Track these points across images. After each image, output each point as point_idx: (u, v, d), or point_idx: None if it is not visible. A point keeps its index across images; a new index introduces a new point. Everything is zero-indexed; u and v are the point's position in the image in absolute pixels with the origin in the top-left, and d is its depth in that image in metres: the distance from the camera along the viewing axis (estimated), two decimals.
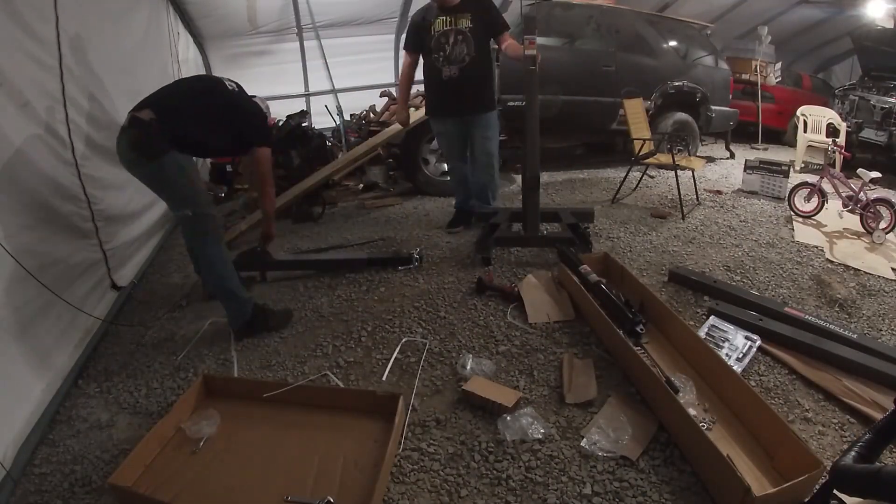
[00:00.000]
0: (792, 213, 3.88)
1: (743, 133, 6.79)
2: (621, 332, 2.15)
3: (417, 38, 3.28)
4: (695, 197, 4.19)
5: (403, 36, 3.78)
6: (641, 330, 2.24)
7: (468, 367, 2.08)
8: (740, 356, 2.14)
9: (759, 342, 2.20)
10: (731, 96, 5.93)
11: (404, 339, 2.31)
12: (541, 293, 2.62)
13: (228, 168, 4.84)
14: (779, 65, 6.99)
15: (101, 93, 2.78)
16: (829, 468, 1.45)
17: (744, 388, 1.80)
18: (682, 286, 2.74)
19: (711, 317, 2.37)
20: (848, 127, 5.48)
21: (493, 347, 2.26)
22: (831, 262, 3.11)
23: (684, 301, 2.63)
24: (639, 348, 2.16)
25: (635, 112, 4.57)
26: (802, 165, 5.45)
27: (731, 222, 3.70)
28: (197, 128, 2.28)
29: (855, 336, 2.23)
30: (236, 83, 2.52)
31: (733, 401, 1.85)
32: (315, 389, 2.02)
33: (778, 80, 6.95)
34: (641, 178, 4.68)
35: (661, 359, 2.15)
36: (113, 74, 3.05)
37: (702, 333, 2.26)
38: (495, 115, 3.42)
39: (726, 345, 2.20)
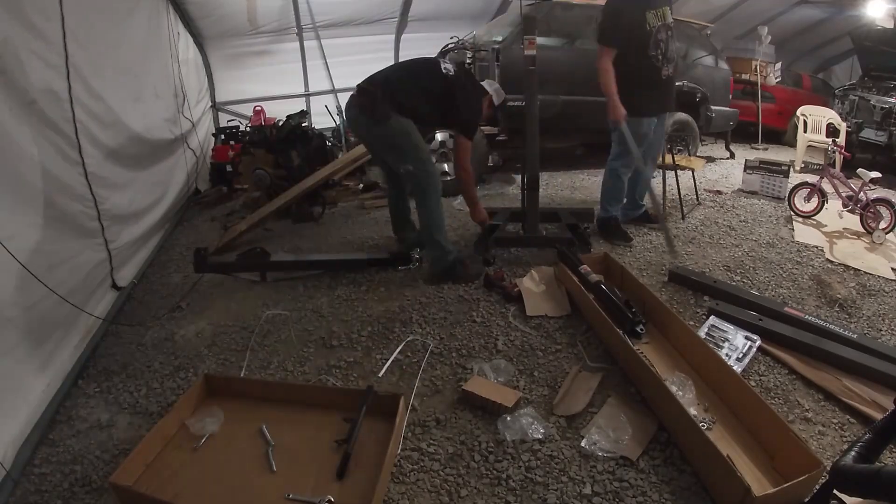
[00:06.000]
0: (792, 213, 3.88)
1: (743, 133, 6.78)
2: (621, 332, 2.15)
3: (626, 32, 2.96)
4: (695, 197, 4.19)
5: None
6: (641, 330, 2.25)
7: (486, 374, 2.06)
8: (740, 356, 2.14)
9: (759, 342, 2.20)
10: (731, 96, 5.93)
11: (408, 339, 2.31)
12: (540, 289, 2.63)
13: (228, 168, 4.83)
14: (779, 65, 6.98)
15: (106, 92, 2.79)
16: (829, 468, 1.45)
17: (744, 388, 1.80)
18: (682, 286, 2.74)
19: (711, 317, 2.37)
20: (848, 127, 5.47)
21: (492, 347, 2.27)
22: (831, 262, 3.11)
23: (684, 301, 2.63)
24: (638, 348, 2.16)
25: None
26: (802, 165, 5.45)
27: (731, 222, 3.70)
28: (414, 100, 2.70)
29: (855, 336, 2.23)
30: (457, 67, 2.93)
31: (733, 401, 1.85)
32: (315, 389, 2.02)
33: (778, 80, 6.94)
34: None
35: (661, 359, 2.15)
36: (117, 73, 3.05)
37: (702, 333, 2.26)
38: None
39: (726, 345, 2.20)
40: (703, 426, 1.72)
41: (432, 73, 2.81)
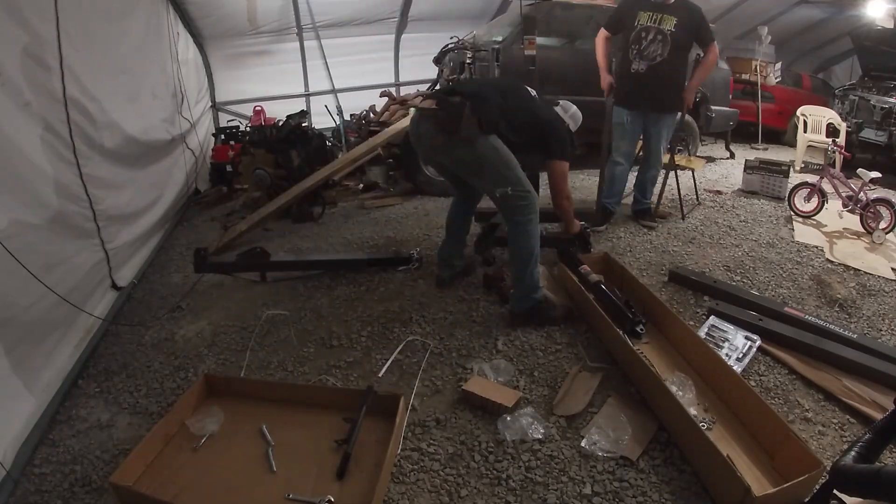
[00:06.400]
0: (792, 213, 3.87)
1: (743, 133, 6.78)
2: (621, 332, 2.15)
3: (619, 22, 3.35)
4: (695, 197, 4.19)
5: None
6: (641, 330, 2.24)
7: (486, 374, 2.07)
8: (740, 356, 2.14)
9: (759, 342, 2.20)
10: (731, 96, 5.92)
11: (408, 339, 2.31)
12: None
13: (228, 168, 4.83)
14: (779, 65, 6.97)
15: (102, 93, 2.78)
16: (829, 468, 1.45)
17: (744, 388, 1.80)
18: (682, 286, 2.74)
19: (711, 317, 2.37)
20: (848, 127, 5.47)
21: (492, 347, 2.27)
22: (831, 262, 3.11)
23: (684, 301, 2.63)
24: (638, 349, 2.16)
25: None
26: (802, 165, 5.45)
27: (731, 222, 3.70)
28: (503, 121, 2.26)
29: (855, 336, 2.24)
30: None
31: (733, 401, 1.85)
32: (315, 389, 2.02)
33: (778, 80, 6.94)
34: None
35: (660, 359, 2.15)
36: (113, 74, 3.04)
37: (702, 333, 2.26)
38: (675, 117, 3.48)
39: (726, 345, 2.20)
40: (703, 426, 1.72)
41: (524, 93, 2.47)
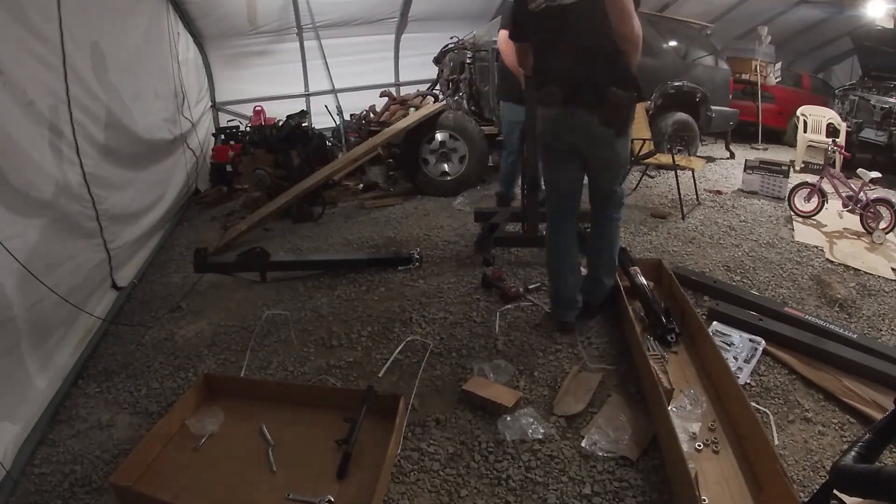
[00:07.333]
0: (792, 213, 3.87)
1: (743, 133, 6.78)
2: (646, 334, 2.16)
3: None
4: (695, 197, 4.19)
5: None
6: (672, 339, 2.21)
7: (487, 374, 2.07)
8: (747, 358, 2.13)
9: (763, 345, 2.19)
10: (731, 96, 5.93)
11: (408, 339, 2.31)
12: None
13: (228, 168, 4.84)
14: (779, 65, 6.97)
15: (105, 92, 2.79)
16: (829, 468, 1.45)
17: (750, 417, 1.69)
18: (683, 286, 2.72)
19: (714, 322, 2.36)
20: (848, 127, 5.47)
21: (492, 347, 2.27)
22: (831, 262, 3.11)
23: None
24: (656, 354, 2.13)
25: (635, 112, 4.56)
26: (802, 165, 5.44)
27: (731, 222, 3.70)
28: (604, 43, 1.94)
29: (855, 336, 2.23)
30: None
31: (739, 425, 1.76)
32: (315, 389, 2.02)
33: (778, 80, 6.94)
34: (641, 178, 4.68)
35: (681, 372, 2.09)
36: (116, 74, 3.05)
37: None
38: None
39: (732, 349, 2.19)
40: (701, 446, 1.68)
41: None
